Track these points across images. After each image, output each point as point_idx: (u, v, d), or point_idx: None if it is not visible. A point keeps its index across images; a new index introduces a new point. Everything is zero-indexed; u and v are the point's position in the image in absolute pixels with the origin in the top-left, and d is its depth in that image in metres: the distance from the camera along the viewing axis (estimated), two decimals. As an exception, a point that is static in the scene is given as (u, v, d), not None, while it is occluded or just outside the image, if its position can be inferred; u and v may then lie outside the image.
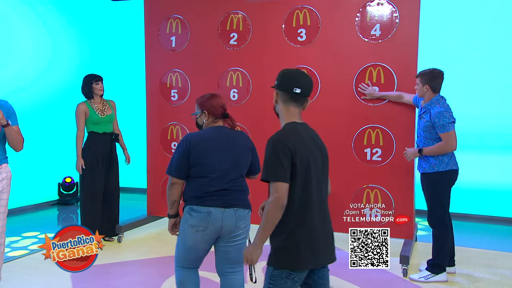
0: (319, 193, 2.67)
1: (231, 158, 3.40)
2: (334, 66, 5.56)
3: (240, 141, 3.51)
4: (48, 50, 8.34)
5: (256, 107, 5.90)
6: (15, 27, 7.72)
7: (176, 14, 6.27)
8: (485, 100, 7.07)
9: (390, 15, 5.31)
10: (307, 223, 2.62)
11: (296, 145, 2.55)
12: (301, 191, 2.59)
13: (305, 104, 2.73)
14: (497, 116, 7.04)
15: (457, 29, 7.21)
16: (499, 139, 7.09)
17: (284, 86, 2.69)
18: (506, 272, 5.05)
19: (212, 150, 3.35)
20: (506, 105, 7.03)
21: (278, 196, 2.50)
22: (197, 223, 3.29)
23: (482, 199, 7.23)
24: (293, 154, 2.53)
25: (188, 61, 6.23)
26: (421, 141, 4.76)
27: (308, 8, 5.63)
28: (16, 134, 4.06)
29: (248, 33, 5.91)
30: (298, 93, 2.64)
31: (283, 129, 2.68)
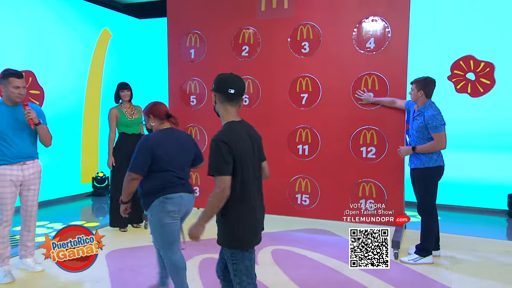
0: (256, 180, 2.79)
1: (184, 153, 3.60)
2: (333, 74, 5.53)
3: (187, 139, 3.70)
4: (82, 63, 8.35)
5: (265, 111, 5.87)
6: (55, 44, 7.74)
7: (195, 29, 6.26)
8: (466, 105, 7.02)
9: (383, 30, 5.29)
10: (251, 208, 2.74)
11: (235, 142, 2.64)
12: (241, 180, 2.68)
13: (240, 103, 2.81)
14: (477, 119, 6.99)
15: (442, 42, 7.16)
16: (479, 139, 7.02)
17: (220, 88, 2.75)
18: (485, 254, 5.05)
19: (170, 148, 3.48)
20: (486, 109, 6.97)
21: (223, 188, 2.61)
22: (174, 208, 3.44)
23: (464, 192, 7.19)
24: (233, 150, 2.62)
25: (205, 71, 6.21)
26: (413, 140, 4.76)
27: (311, 24, 5.60)
28: (47, 132, 4.20)
29: (258, 46, 5.88)
30: (232, 93, 2.71)
31: (223, 129, 2.74)
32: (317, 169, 5.64)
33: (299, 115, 5.70)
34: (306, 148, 5.68)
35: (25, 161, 4.11)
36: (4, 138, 3.97)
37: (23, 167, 4.10)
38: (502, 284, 4.22)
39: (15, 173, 4.05)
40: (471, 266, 4.69)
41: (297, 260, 4.80)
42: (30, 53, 7.21)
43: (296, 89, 5.70)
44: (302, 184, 5.73)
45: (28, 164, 4.15)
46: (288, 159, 5.77)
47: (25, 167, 4.11)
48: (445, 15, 7.15)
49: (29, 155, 4.17)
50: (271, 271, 4.44)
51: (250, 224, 2.75)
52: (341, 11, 5.47)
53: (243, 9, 5.92)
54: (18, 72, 4.01)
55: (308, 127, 5.67)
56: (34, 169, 4.21)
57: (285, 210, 5.84)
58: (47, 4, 7.58)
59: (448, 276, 4.37)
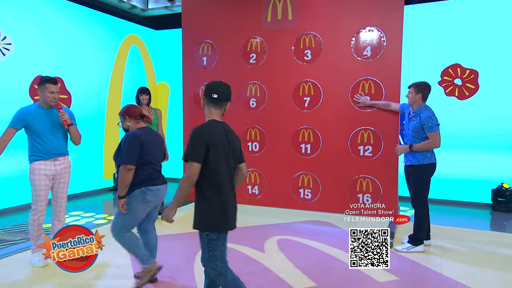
0: (228, 172, 2.82)
1: (159, 149, 3.73)
2: (333, 80, 5.51)
3: (159, 137, 3.78)
4: (105, 69, 8.36)
5: (271, 113, 5.87)
6: (81, 53, 7.76)
7: (207, 39, 6.25)
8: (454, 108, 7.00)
9: (379, 39, 5.27)
10: (222, 196, 2.77)
11: (211, 136, 2.71)
12: (213, 169, 2.73)
13: (225, 107, 2.89)
14: (463, 121, 6.96)
15: (432, 51, 7.12)
16: (466, 140, 7.00)
17: (206, 92, 2.85)
18: (471, 244, 5.04)
19: (151, 144, 3.58)
20: (472, 112, 6.96)
21: (191, 173, 2.67)
22: (152, 199, 3.57)
23: (452, 187, 7.15)
24: (208, 142, 2.69)
25: (216, 77, 6.07)
26: (409, 140, 4.73)
27: (313, 33, 5.59)
28: (77, 132, 4.29)
29: (265, 54, 5.87)
30: (215, 97, 2.81)
31: (204, 123, 2.81)
32: (319, 166, 5.62)
33: (302, 117, 5.68)
34: (309, 147, 5.66)
35: (57, 157, 4.16)
36: (40, 137, 4.05)
37: (56, 163, 4.14)
38: (488, 270, 4.21)
39: (48, 168, 4.10)
40: (459, 254, 4.67)
41: (300, 248, 4.78)
42: (60, 61, 7.22)
43: (299, 93, 5.68)
44: (304, 179, 5.71)
45: (60, 160, 4.20)
46: (292, 157, 5.74)
47: (57, 162, 4.15)
48: (435, 27, 7.13)
49: (61, 152, 4.23)
50: (277, 258, 4.42)
51: (223, 209, 2.78)
52: (340, 22, 5.45)
53: (251, 21, 5.91)
54: (53, 79, 4.09)
55: (310, 128, 5.64)
56: (65, 164, 4.27)
57: (289, 204, 5.83)
58: (75, 18, 7.60)
59: (438, 263, 4.36)
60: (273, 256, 4.49)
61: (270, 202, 5.95)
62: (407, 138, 4.77)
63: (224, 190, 2.78)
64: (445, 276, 4.03)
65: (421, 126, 4.54)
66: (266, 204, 5.98)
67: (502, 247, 4.93)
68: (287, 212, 6.23)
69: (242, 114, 6.01)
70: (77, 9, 7.69)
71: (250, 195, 6.03)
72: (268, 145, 5.89)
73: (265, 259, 4.39)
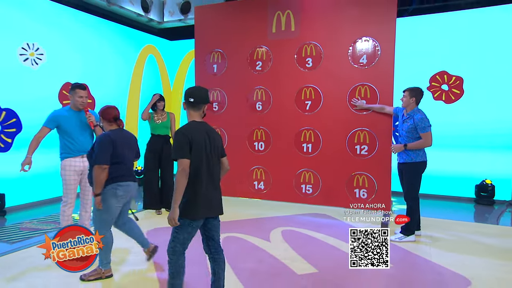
0: (208, 166, 2.83)
1: (130, 149, 3.64)
2: (332, 85, 5.48)
3: (132, 138, 3.72)
4: (125, 77, 8.37)
5: (276, 115, 5.84)
6: (104, 62, 7.77)
7: (217, 48, 6.22)
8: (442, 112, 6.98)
9: (373, 48, 5.23)
10: (199, 187, 2.78)
11: (192, 135, 2.75)
12: (195, 164, 2.76)
13: (203, 109, 2.91)
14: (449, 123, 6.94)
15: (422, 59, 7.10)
16: (452, 140, 6.98)
17: (185, 97, 2.89)
18: (457, 233, 5.04)
19: (122, 145, 3.52)
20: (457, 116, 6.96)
21: (183, 167, 2.71)
22: (122, 193, 3.49)
23: (441, 183, 7.14)
24: (190, 141, 2.74)
25: (225, 82, 6.18)
26: (403, 139, 4.71)
27: (313, 43, 5.55)
28: (101, 132, 4.26)
29: (270, 61, 5.84)
30: (192, 101, 2.85)
31: (185, 125, 2.84)
32: (319, 163, 5.59)
33: (304, 119, 5.64)
34: (310, 146, 5.62)
35: (85, 154, 4.18)
36: (71, 136, 4.10)
37: (83, 159, 4.15)
38: (473, 257, 4.21)
39: (77, 164, 4.14)
40: (447, 243, 4.67)
41: (303, 238, 4.76)
42: (85, 69, 7.24)
43: (301, 97, 5.64)
44: (306, 176, 5.67)
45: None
46: (295, 155, 5.71)
47: (85, 159, 4.16)
48: (424, 37, 7.12)
49: (88, 150, 4.25)
50: (281, 247, 4.40)
51: (195, 200, 2.78)
52: (338, 32, 5.42)
53: (257, 31, 5.88)
54: (82, 85, 4.16)
55: (311, 129, 5.61)
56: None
57: (292, 198, 5.80)
58: (99, 30, 7.62)
59: (428, 251, 4.35)
60: (278, 245, 4.47)
61: (274, 196, 5.93)
62: (401, 138, 4.75)
63: (200, 183, 2.79)
64: (434, 263, 4.02)
65: (415, 127, 4.53)
66: (271, 198, 5.95)
67: (485, 237, 4.92)
68: (290, 205, 6.21)
69: (249, 116, 5.99)
70: (100, 22, 7.71)
71: (257, 190, 6.01)
72: (273, 145, 5.86)
73: (271, 248, 4.38)
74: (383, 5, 5.13)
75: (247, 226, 5.25)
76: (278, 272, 3.72)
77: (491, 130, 6.75)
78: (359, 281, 3.57)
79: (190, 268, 3.10)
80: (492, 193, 6.72)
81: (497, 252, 4.35)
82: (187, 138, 2.74)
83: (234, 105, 6.12)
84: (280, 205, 6.30)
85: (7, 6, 6.03)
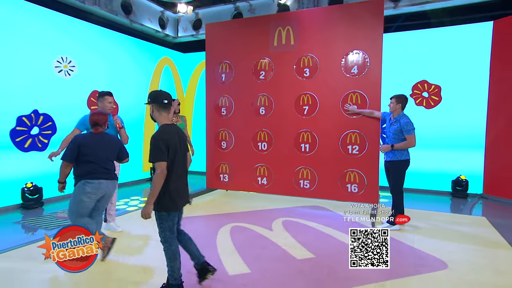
0: (181, 164, 2.83)
1: (107, 150, 3.46)
2: (327, 92, 5.44)
3: (111, 141, 3.53)
4: (144, 86, 8.34)
5: (277, 119, 5.80)
6: (125, 72, 7.74)
7: (225, 60, 6.18)
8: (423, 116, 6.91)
9: (363, 60, 5.19)
10: (174, 184, 2.76)
11: (167, 138, 2.70)
12: (170, 164, 2.73)
13: (169, 110, 2.84)
14: (429, 126, 6.88)
15: (405, 69, 7.05)
16: (433, 141, 6.93)
17: (157, 100, 2.78)
18: (436, 223, 5.01)
19: (95, 146, 3.37)
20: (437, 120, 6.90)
21: (161, 170, 2.65)
22: (91, 190, 3.32)
23: (422, 179, 7.10)
24: (167, 145, 2.68)
25: (232, 90, 6.14)
26: (390, 141, 4.68)
27: (310, 55, 5.51)
28: (126, 134, 4.34)
29: (272, 71, 5.79)
30: (165, 103, 2.79)
31: (159, 129, 2.76)
32: (315, 162, 5.55)
33: (302, 122, 5.60)
34: (307, 146, 5.58)
35: None
36: None
37: None
38: (450, 242, 4.20)
39: None
40: (427, 231, 4.64)
41: (301, 228, 4.72)
42: (109, 79, 7.22)
43: (300, 103, 5.60)
44: (304, 172, 5.63)
45: None
46: (294, 154, 5.67)
47: None
48: (407, 50, 7.07)
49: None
50: (282, 235, 4.36)
51: (173, 195, 2.75)
52: (332, 46, 5.38)
53: (260, 45, 5.84)
54: (109, 92, 4.20)
55: (309, 131, 5.56)
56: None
57: (291, 192, 5.75)
58: (121, 45, 7.60)
59: (411, 238, 4.32)
60: (280, 234, 4.43)
61: (276, 190, 5.89)
62: (389, 139, 4.71)
63: (176, 180, 2.77)
64: (416, 248, 4.00)
65: (401, 129, 4.51)
66: (273, 192, 5.91)
67: (460, 226, 4.90)
68: (290, 199, 6.19)
69: (253, 119, 5.95)
70: (123, 38, 7.71)
71: (260, 185, 5.97)
72: (275, 145, 5.82)
73: (273, 236, 4.34)
74: (371, 23, 5.08)
75: (252, 217, 5.21)
76: (280, 257, 3.68)
77: (465, 132, 6.72)
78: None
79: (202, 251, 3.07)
80: (466, 187, 6.70)
81: (470, 239, 4.33)
82: (164, 143, 2.66)
83: (240, 110, 6.09)
84: (281, 198, 6.27)
85: (45, 24, 6.07)
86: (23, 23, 5.75)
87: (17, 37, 5.66)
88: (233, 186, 6.24)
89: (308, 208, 5.74)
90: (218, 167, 6.31)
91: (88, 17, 6.99)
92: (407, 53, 7.05)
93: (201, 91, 9.16)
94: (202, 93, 9.02)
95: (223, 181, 6.28)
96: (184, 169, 2.90)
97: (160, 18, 8.55)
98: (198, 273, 3.05)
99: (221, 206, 5.82)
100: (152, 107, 2.82)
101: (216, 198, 6.47)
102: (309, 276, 3.27)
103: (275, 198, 6.28)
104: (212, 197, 6.58)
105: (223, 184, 6.30)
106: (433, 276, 3.29)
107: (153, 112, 2.83)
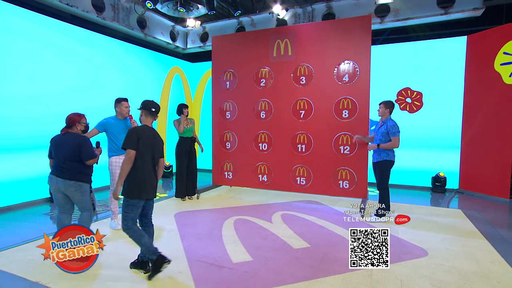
0: (151, 161, 2.90)
1: (66, 151, 3.16)
2: (321, 98, 5.42)
3: (73, 143, 3.18)
4: (157, 92, 8.32)
5: (276, 122, 5.77)
6: (139, 80, 7.73)
7: (230, 69, 6.16)
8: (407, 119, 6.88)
9: (353, 69, 5.17)
10: (145, 175, 2.83)
11: (142, 134, 2.83)
12: (142, 157, 2.82)
13: (155, 118, 3.02)
14: (412, 128, 6.85)
15: (390, 77, 7.03)
16: (415, 141, 6.90)
17: (147, 107, 2.97)
18: (418, 215, 4.97)
19: (59, 146, 3.20)
20: (419, 122, 6.87)
21: (129, 156, 2.76)
22: (49, 182, 3.18)
23: (405, 175, 7.05)
24: (139, 137, 2.81)
25: (236, 96, 6.12)
26: (377, 142, 4.65)
27: (306, 65, 5.50)
28: None
29: (271, 79, 5.78)
30: (153, 111, 2.97)
31: (139, 126, 2.92)
32: (311, 161, 5.53)
33: (299, 125, 5.59)
34: (304, 147, 5.57)
35: None
36: (117, 138, 4.07)
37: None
38: (430, 232, 4.18)
39: (121, 160, 4.08)
40: (410, 222, 4.58)
41: (298, 220, 4.70)
42: (125, 87, 7.19)
43: (297, 108, 5.59)
44: (300, 170, 5.62)
45: None
46: (291, 154, 5.66)
47: None
48: (393, 60, 7.05)
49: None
50: (280, 227, 4.35)
51: (142, 185, 2.82)
52: (326, 56, 5.36)
53: (261, 55, 5.82)
54: (125, 98, 4.18)
55: (305, 133, 5.55)
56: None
57: (289, 188, 5.74)
58: (136, 55, 7.57)
59: (396, 229, 4.30)
60: (278, 226, 4.42)
61: (275, 186, 5.87)
62: (376, 141, 4.70)
63: (145, 173, 2.83)
64: (400, 238, 3.99)
65: (387, 132, 4.50)
66: (272, 188, 5.90)
67: (439, 217, 4.88)
68: (288, 194, 6.17)
69: (255, 123, 5.93)
70: (138, 49, 7.69)
71: (261, 182, 5.95)
72: (274, 145, 5.81)
73: (273, 228, 4.33)
74: (361, 36, 5.07)
75: (253, 210, 5.20)
76: (279, 247, 3.67)
77: (443, 133, 6.70)
78: (341, 253, 3.51)
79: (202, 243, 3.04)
80: (444, 183, 6.68)
81: (448, 229, 4.32)
82: (137, 135, 2.80)
83: (243, 114, 6.07)
84: (280, 193, 6.26)
85: (70, 39, 6.07)
86: (53, 39, 5.80)
87: (48, 51, 5.69)
88: (237, 183, 6.23)
89: (304, 203, 5.73)
90: (223, 165, 6.30)
91: (108, 31, 6.99)
92: (392, 63, 7.04)
93: (208, 96, 9.14)
94: (208, 98, 9.00)
95: (228, 178, 6.26)
96: (153, 167, 2.95)
97: (171, 32, 8.54)
98: (153, 265, 2.85)
99: (226, 201, 5.80)
100: (142, 112, 2.99)
101: (221, 193, 6.45)
102: (305, 263, 3.26)
103: (275, 194, 6.26)
104: (217, 192, 6.56)
105: (227, 180, 6.29)
106: (415, 263, 3.29)
107: (142, 116, 2.99)
